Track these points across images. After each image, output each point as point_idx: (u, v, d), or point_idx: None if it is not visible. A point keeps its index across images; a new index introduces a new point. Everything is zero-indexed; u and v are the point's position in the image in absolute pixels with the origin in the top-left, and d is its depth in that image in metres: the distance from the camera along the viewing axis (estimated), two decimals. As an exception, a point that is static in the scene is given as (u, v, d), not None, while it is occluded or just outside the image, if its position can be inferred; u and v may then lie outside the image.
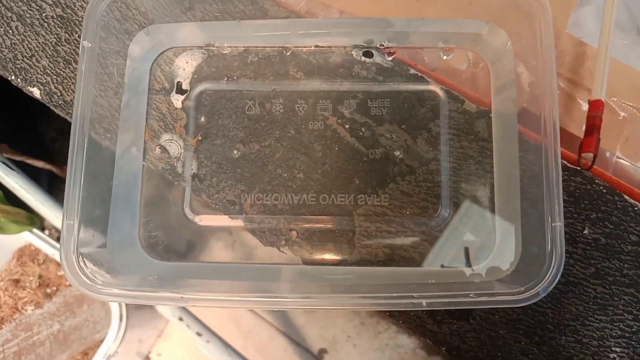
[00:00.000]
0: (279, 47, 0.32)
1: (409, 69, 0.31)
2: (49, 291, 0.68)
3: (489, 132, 0.30)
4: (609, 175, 0.31)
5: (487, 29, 0.30)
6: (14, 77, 0.34)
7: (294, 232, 0.30)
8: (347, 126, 0.31)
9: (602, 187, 0.30)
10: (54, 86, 0.34)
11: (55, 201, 0.62)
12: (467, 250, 0.29)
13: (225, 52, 0.32)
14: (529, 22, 0.28)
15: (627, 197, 0.30)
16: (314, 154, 0.31)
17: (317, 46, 0.32)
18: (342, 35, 0.31)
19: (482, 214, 0.29)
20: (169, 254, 0.30)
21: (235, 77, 0.32)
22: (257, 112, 0.31)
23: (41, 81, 0.34)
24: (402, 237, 0.30)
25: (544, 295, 0.24)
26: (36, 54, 0.34)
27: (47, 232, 0.66)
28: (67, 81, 0.34)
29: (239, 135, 0.31)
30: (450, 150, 0.30)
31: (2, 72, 0.34)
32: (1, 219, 0.58)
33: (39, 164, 0.69)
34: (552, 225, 0.25)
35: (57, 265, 0.67)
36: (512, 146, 0.29)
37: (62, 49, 0.34)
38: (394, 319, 0.30)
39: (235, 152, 0.31)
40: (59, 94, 0.33)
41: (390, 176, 0.30)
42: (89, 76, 0.27)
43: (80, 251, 0.26)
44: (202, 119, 0.31)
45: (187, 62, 0.32)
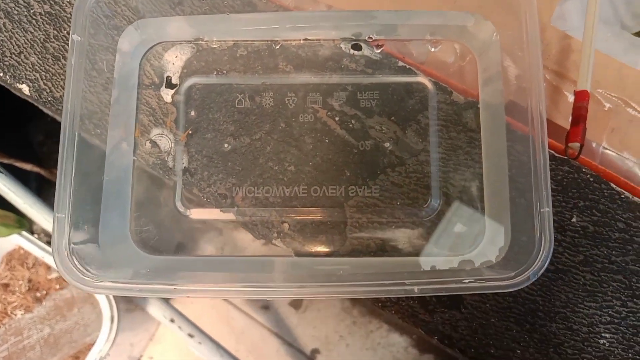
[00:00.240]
0: (268, 41, 0.32)
1: (397, 61, 0.32)
2: (38, 295, 0.67)
3: (477, 122, 0.31)
4: (596, 164, 0.32)
5: (474, 21, 0.31)
6: (2, 75, 0.34)
7: (286, 225, 0.30)
8: (337, 118, 0.31)
9: (589, 176, 0.31)
10: (43, 83, 0.33)
11: (44, 204, 0.62)
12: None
13: (214, 46, 0.32)
14: (515, 15, 0.29)
15: (613, 186, 0.31)
16: (305, 147, 0.31)
17: (306, 39, 0.32)
18: (331, 28, 0.32)
19: (471, 203, 0.30)
20: (161, 249, 0.30)
21: (224, 71, 0.32)
22: (247, 105, 0.31)
23: (30, 78, 0.34)
24: (393, 227, 0.30)
25: (534, 279, 0.24)
26: (24, 50, 0.34)
27: (35, 236, 0.65)
28: (56, 77, 0.33)
29: (229, 128, 0.31)
30: (439, 141, 0.31)
31: (-10, 69, 0.34)
32: (-11, 221, 0.58)
33: (27, 167, 0.68)
34: (541, 211, 0.25)
35: (47, 268, 0.67)
36: (500, 136, 0.29)
37: (51, 46, 0.34)
38: (387, 310, 0.31)
39: (226, 145, 0.31)
40: (48, 91, 0.33)
41: (380, 167, 0.31)
42: (79, 70, 0.27)
43: (72, 245, 0.26)
44: (193, 113, 0.31)
45: (176, 57, 0.32)
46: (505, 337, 0.30)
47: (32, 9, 0.34)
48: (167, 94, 0.32)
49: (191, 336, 0.65)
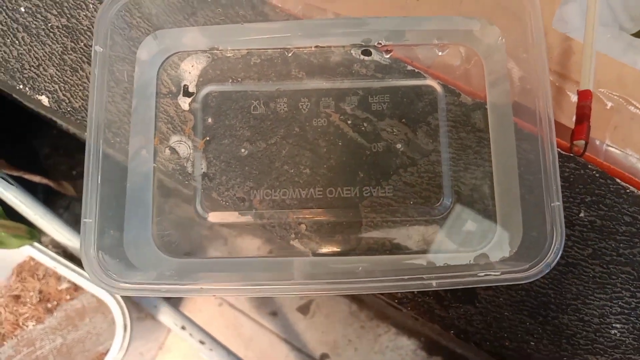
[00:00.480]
0: (280, 49, 0.33)
1: (406, 65, 0.33)
2: (49, 306, 0.68)
3: (485, 123, 0.32)
4: (600, 161, 0.33)
5: (480, 26, 0.32)
6: (22, 86, 0.35)
7: (303, 226, 0.31)
8: (349, 122, 0.32)
9: (594, 172, 0.32)
10: (62, 93, 0.34)
11: (54, 215, 0.63)
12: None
13: (228, 55, 0.33)
14: (519, 19, 0.30)
15: (619, 181, 0.32)
16: (319, 150, 0.32)
17: (317, 46, 0.33)
18: (341, 35, 0.33)
19: (482, 201, 0.31)
20: (182, 251, 0.31)
21: (239, 79, 0.33)
22: (262, 111, 0.32)
23: (49, 89, 0.35)
24: (407, 226, 0.31)
25: (548, 271, 0.25)
26: (43, 63, 0.35)
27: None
28: (74, 88, 0.34)
29: (245, 134, 0.32)
30: (449, 141, 0.32)
31: (10, 82, 0.35)
32: (2, 233, 0.58)
33: (36, 179, 0.69)
34: (552, 205, 0.26)
35: (57, 279, 0.67)
36: (508, 136, 0.30)
37: (69, 58, 0.35)
38: (404, 306, 0.31)
39: (242, 150, 0.32)
40: (67, 101, 0.34)
41: (393, 168, 0.32)
42: (102, 80, 0.28)
43: (99, 249, 0.27)
44: (210, 120, 0.32)
45: (192, 66, 0.33)
46: (519, 330, 0.31)
47: (49, 23, 0.35)
48: (184, 102, 0.33)
49: (202, 343, 0.66)
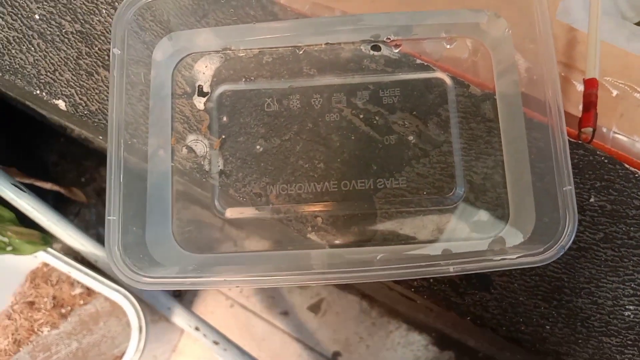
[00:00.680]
0: (291, 47, 0.34)
1: (415, 59, 0.33)
2: (63, 311, 0.68)
3: (494, 113, 0.32)
4: (609, 147, 0.34)
5: (487, 18, 0.32)
6: (39, 92, 0.36)
7: (319, 219, 0.32)
8: (361, 116, 0.33)
9: (603, 158, 0.32)
10: (79, 97, 0.35)
11: (67, 220, 0.64)
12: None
13: (241, 54, 0.34)
14: (525, 11, 0.30)
15: (627, 166, 0.32)
16: (332, 144, 0.33)
17: (327, 44, 0.34)
18: (350, 32, 0.33)
19: (494, 189, 0.31)
20: (202, 247, 0.32)
21: (252, 78, 0.34)
22: (276, 108, 0.33)
23: (65, 93, 0.35)
24: (421, 215, 0.32)
25: (562, 253, 0.26)
26: (59, 68, 0.36)
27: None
28: (90, 92, 0.35)
29: (260, 131, 0.33)
30: (460, 132, 0.32)
31: (27, 87, 0.36)
32: (16, 240, 0.59)
33: (47, 186, 0.70)
34: (564, 189, 0.27)
35: (70, 285, 0.68)
36: (518, 125, 0.31)
37: (84, 62, 0.36)
38: (420, 295, 0.32)
39: (258, 147, 0.33)
40: (84, 105, 0.35)
41: (405, 160, 0.32)
42: (120, 82, 0.29)
43: (123, 246, 0.27)
44: (225, 119, 0.33)
45: (206, 66, 0.34)
46: (534, 315, 0.31)
47: (63, 29, 0.36)
48: (199, 102, 0.33)
49: (216, 343, 0.66)
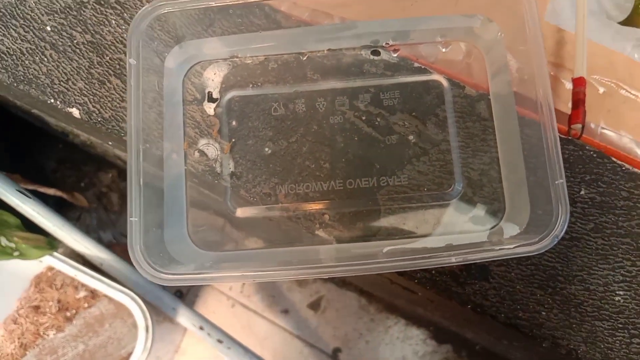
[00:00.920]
0: (295, 54, 0.36)
1: (413, 62, 0.35)
2: (68, 314, 0.69)
3: (489, 112, 0.34)
4: (597, 142, 0.36)
5: (480, 23, 0.34)
6: (53, 100, 0.37)
7: (326, 216, 0.34)
8: (363, 118, 0.35)
9: (592, 152, 0.34)
10: (92, 105, 0.37)
11: (71, 225, 0.65)
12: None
13: (248, 62, 0.36)
14: (515, 14, 0.32)
15: (615, 159, 0.34)
16: (337, 145, 0.34)
17: (329, 50, 0.35)
18: (351, 38, 0.35)
19: (491, 184, 0.33)
20: (216, 245, 0.33)
21: (259, 84, 0.35)
22: (282, 112, 0.35)
23: (79, 102, 0.37)
24: (423, 210, 0.33)
25: (556, 242, 0.28)
26: (72, 77, 0.37)
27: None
28: (103, 100, 0.37)
29: (268, 134, 0.35)
30: (457, 131, 0.34)
31: (41, 96, 0.37)
32: (22, 245, 0.60)
33: (50, 191, 0.71)
34: (556, 182, 0.29)
35: (75, 288, 0.69)
36: (511, 123, 0.33)
37: (96, 71, 0.37)
38: (423, 286, 0.34)
39: (266, 149, 0.34)
40: (98, 112, 0.37)
41: (406, 158, 0.34)
42: (137, 89, 0.31)
43: (144, 245, 0.29)
44: (234, 123, 0.35)
45: (214, 74, 0.35)
46: (530, 302, 0.33)
47: (75, 40, 0.38)
48: (209, 108, 0.35)
49: (220, 342, 0.68)
